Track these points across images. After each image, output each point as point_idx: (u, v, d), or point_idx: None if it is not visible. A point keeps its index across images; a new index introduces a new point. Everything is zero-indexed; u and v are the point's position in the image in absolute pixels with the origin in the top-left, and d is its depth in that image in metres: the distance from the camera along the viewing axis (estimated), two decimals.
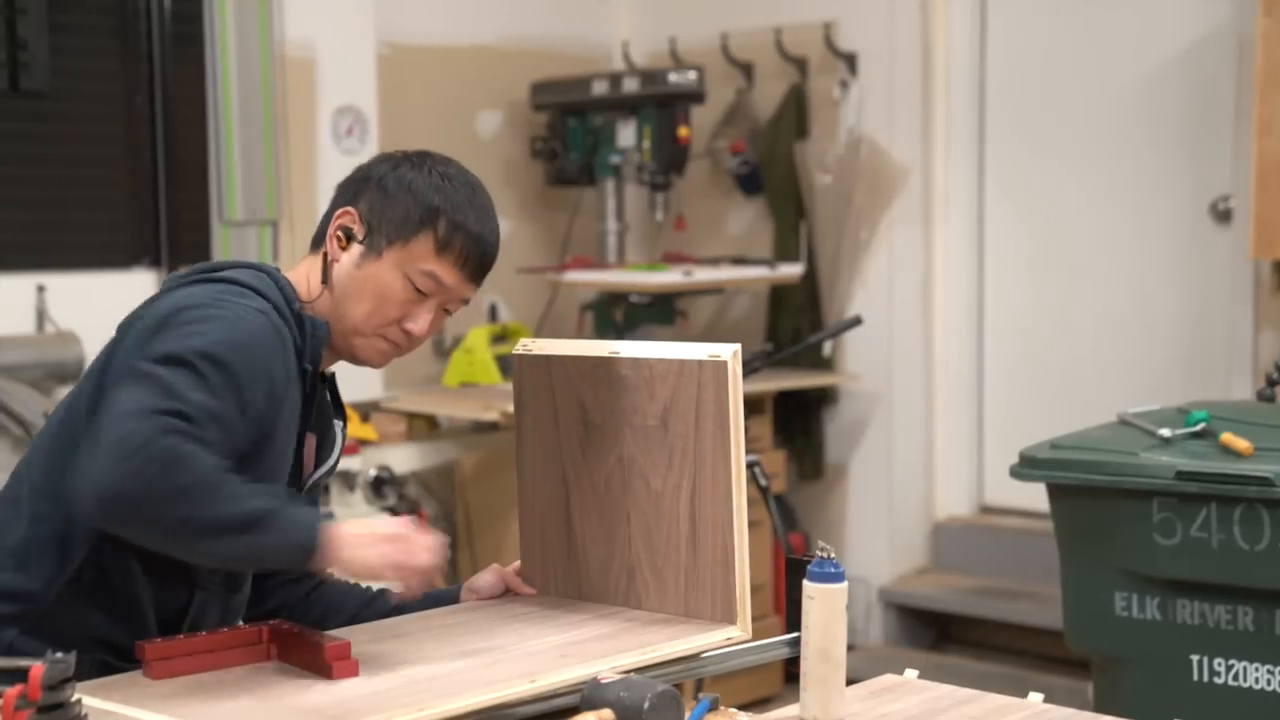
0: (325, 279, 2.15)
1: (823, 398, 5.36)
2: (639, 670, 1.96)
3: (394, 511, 4.38)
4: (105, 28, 4.47)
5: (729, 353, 2.11)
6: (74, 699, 1.58)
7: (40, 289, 4.32)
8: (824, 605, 1.88)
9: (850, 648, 5.10)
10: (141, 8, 4.48)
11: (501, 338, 5.04)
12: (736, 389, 2.11)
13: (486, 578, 2.32)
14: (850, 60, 5.26)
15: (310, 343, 2.09)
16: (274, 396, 2.01)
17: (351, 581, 2.37)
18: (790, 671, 4.18)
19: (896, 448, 5.31)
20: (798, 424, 5.35)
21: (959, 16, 5.23)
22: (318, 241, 2.20)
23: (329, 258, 2.15)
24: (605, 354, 2.24)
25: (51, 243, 4.38)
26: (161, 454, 1.79)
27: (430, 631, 2.12)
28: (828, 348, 5.22)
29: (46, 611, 1.99)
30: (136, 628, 2.03)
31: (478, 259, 2.16)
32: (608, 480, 2.25)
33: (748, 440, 4.75)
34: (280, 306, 2.06)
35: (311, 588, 2.32)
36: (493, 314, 5.38)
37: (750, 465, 3.90)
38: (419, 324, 2.15)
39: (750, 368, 3.84)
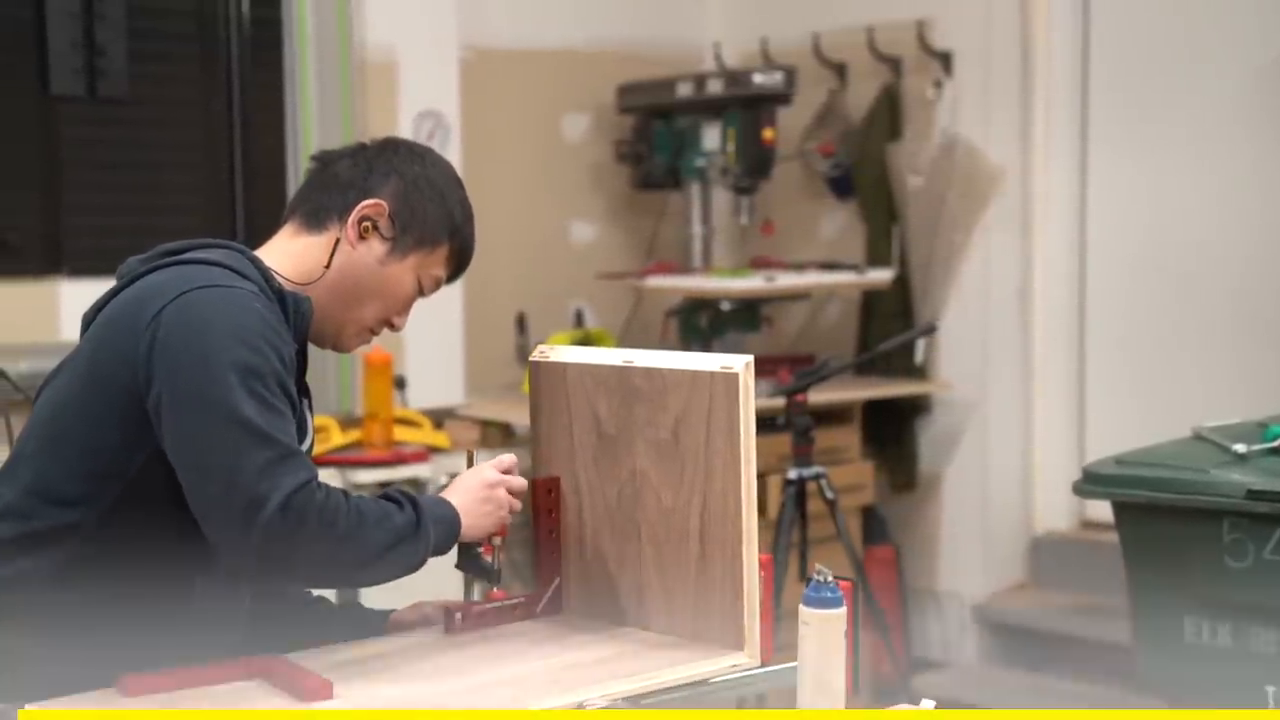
0: (330, 263, 2.08)
1: (915, 406, 5.20)
2: (634, 698, 1.87)
3: None
4: (183, 33, 4.48)
5: (741, 364, 2.02)
6: None
7: None
8: (821, 633, 1.77)
9: (942, 666, 5.03)
10: (220, 13, 4.48)
11: (585, 344, 4.96)
12: (748, 403, 2.01)
13: (408, 615, 2.23)
14: (945, 59, 5.10)
15: (296, 320, 2.04)
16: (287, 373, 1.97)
17: None
18: None
19: (993, 458, 5.13)
20: (889, 433, 5.20)
21: (1060, 12, 5.03)
22: (313, 218, 2.11)
23: (340, 243, 2.08)
24: (620, 363, 2.16)
25: (129, 248, 4.35)
26: (303, 516, 1.79)
27: (423, 649, 2.05)
28: (920, 354, 5.05)
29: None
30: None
31: (466, 265, 2.18)
32: (619, 494, 2.16)
33: (829, 450, 4.69)
34: (261, 286, 2.01)
35: None
36: (578, 319, 5.31)
37: (817, 478, 3.79)
38: (405, 320, 2.16)
39: (818, 375, 3.73)
